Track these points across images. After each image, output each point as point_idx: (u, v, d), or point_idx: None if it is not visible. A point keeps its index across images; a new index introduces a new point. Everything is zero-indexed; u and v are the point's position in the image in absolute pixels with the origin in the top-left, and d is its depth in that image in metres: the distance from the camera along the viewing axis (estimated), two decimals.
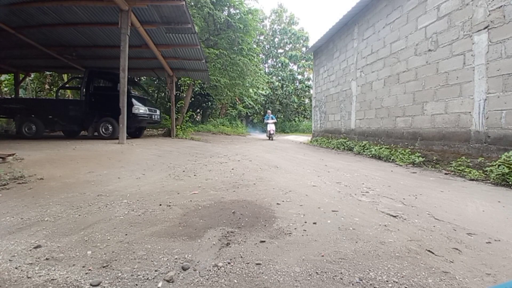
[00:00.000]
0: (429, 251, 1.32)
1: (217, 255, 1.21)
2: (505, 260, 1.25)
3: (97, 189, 2.30)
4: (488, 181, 3.17)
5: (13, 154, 3.39)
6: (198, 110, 17.26)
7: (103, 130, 7.26)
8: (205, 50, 10.17)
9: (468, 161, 3.69)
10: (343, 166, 4.25)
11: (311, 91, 16.60)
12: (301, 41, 25.27)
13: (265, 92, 20.43)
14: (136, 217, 1.67)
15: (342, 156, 5.81)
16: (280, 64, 24.77)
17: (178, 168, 3.57)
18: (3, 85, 15.13)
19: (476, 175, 3.35)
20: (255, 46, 16.00)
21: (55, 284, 0.96)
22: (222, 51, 11.36)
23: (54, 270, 1.05)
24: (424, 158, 4.41)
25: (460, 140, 3.97)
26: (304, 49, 24.02)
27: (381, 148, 5.49)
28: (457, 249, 1.35)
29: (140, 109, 7.40)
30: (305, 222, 1.66)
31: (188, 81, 11.80)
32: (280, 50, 25.97)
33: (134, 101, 7.32)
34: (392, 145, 5.46)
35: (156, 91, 16.34)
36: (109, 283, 0.98)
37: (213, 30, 12.15)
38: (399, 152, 4.98)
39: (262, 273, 1.09)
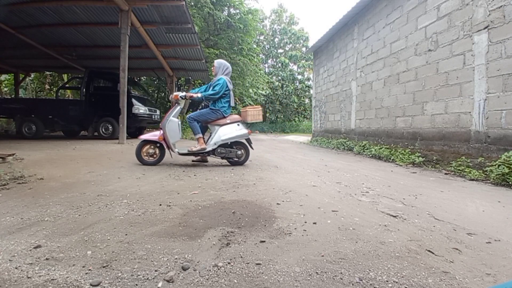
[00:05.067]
0: (429, 251, 1.32)
1: (217, 255, 1.21)
2: (505, 260, 1.25)
3: (97, 189, 2.30)
4: (488, 181, 3.17)
5: (13, 154, 3.39)
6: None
7: (103, 130, 7.27)
8: (205, 50, 10.17)
9: (468, 161, 3.69)
10: (343, 166, 4.25)
11: (311, 91, 16.60)
12: (301, 41, 25.28)
13: (265, 92, 20.45)
14: (136, 217, 1.67)
15: (342, 156, 5.81)
16: (280, 64, 24.77)
17: (178, 168, 3.57)
18: (3, 85, 15.13)
19: (476, 175, 3.35)
20: (255, 46, 16.01)
21: (55, 284, 0.96)
22: (222, 51, 11.37)
23: (54, 270, 1.05)
24: (424, 158, 4.41)
25: (460, 140, 3.97)
26: (304, 49, 24.02)
27: (381, 148, 5.49)
28: (457, 249, 1.35)
29: (140, 109, 7.41)
30: (305, 222, 1.66)
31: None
32: (280, 50, 25.98)
33: (134, 101, 7.33)
34: (392, 145, 5.46)
35: (156, 91, 16.35)
36: (109, 283, 0.98)
37: (213, 30, 12.16)
38: (399, 152, 4.98)
39: (262, 273, 1.09)
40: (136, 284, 0.98)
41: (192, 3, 10.65)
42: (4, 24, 6.64)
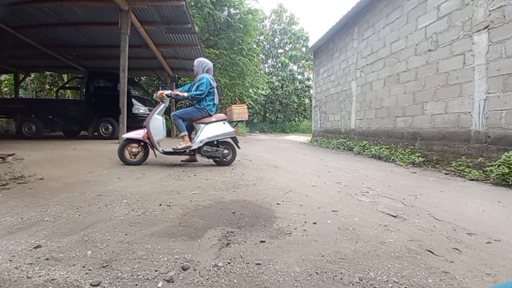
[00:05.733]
0: (429, 251, 1.32)
1: (217, 255, 1.21)
2: (505, 260, 1.25)
3: (97, 189, 2.30)
4: (488, 181, 3.17)
5: (13, 154, 3.39)
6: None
7: (103, 130, 7.27)
8: (205, 50, 10.17)
9: (468, 161, 3.69)
10: (343, 166, 4.25)
11: (311, 91, 16.60)
12: (301, 41, 25.28)
13: (265, 92, 20.46)
14: (136, 217, 1.67)
15: (342, 156, 5.81)
16: (280, 64, 24.77)
17: (178, 168, 3.57)
18: (3, 85, 15.13)
19: (476, 175, 3.35)
20: (255, 46, 16.02)
21: (55, 284, 0.96)
22: (222, 51, 11.37)
23: (54, 270, 1.05)
24: (424, 158, 4.41)
25: (460, 140, 3.97)
26: (304, 49, 24.01)
27: (381, 148, 5.49)
28: (457, 249, 1.35)
29: (140, 109, 7.41)
30: (305, 222, 1.66)
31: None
32: (280, 50, 25.98)
33: (134, 101, 7.33)
34: (392, 145, 5.46)
35: (156, 91, 16.37)
36: (109, 283, 0.98)
37: (213, 30, 12.16)
38: (399, 152, 4.98)
39: (262, 273, 1.09)
40: (136, 284, 0.98)
41: (192, 3, 10.66)
42: (4, 24, 6.64)
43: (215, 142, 3.74)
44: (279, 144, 9.32)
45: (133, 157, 3.58)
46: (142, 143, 3.59)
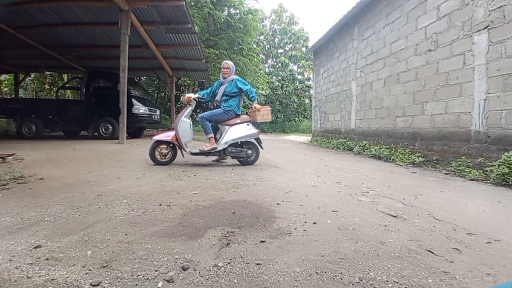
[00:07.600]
0: (429, 251, 1.32)
1: (217, 255, 1.21)
2: (505, 260, 1.25)
3: (97, 189, 2.30)
4: (488, 181, 3.17)
5: (13, 154, 3.40)
6: (198, 110, 17.28)
7: (103, 130, 7.27)
8: (205, 50, 10.19)
9: (468, 161, 3.69)
10: (343, 166, 4.25)
11: (311, 91, 16.59)
12: (301, 41, 25.24)
13: (265, 92, 20.44)
14: (136, 217, 1.67)
15: (342, 156, 5.81)
16: (280, 64, 24.73)
17: (178, 167, 3.57)
18: (3, 85, 15.14)
19: (476, 175, 3.35)
20: (255, 46, 16.02)
21: (55, 284, 0.96)
22: (222, 51, 11.38)
23: (54, 270, 1.05)
24: (424, 158, 4.41)
25: (460, 140, 3.97)
26: (304, 49, 23.98)
27: (381, 148, 5.49)
28: (457, 249, 1.35)
29: (140, 109, 7.41)
30: (305, 222, 1.66)
31: (188, 81, 11.81)
32: (280, 50, 25.94)
33: (134, 101, 7.33)
34: (392, 145, 5.46)
35: (156, 91, 16.36)
36: (109, 283, 0.98)
37: (213, 30, 12.17)
38: (399, 152, 4.97)
39: (262, 273, 1.09)
40: (136, 284, 0.98)
41: (192, 3, 10.66)
42: (4, 24, 6.64)
43: (239, 143, 3.85)
44: (279, 144, 9.32)
45: (163, 157, 3.74)
46: (171, 145, 3.74)
